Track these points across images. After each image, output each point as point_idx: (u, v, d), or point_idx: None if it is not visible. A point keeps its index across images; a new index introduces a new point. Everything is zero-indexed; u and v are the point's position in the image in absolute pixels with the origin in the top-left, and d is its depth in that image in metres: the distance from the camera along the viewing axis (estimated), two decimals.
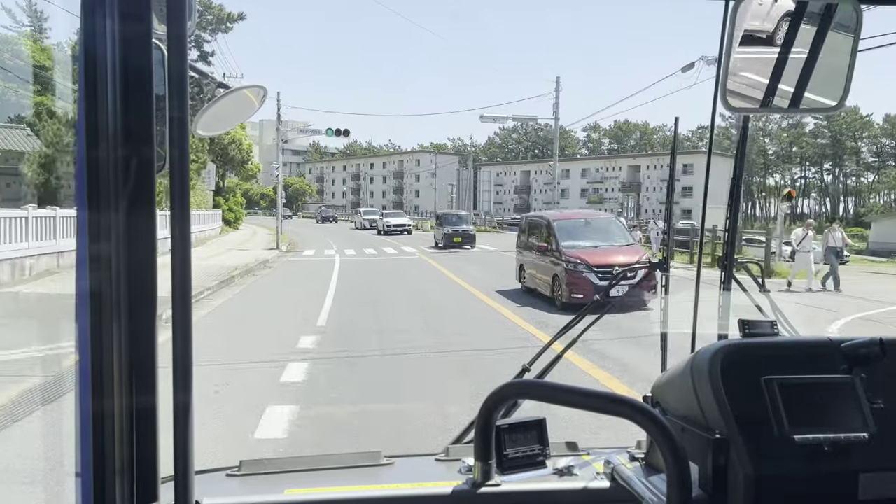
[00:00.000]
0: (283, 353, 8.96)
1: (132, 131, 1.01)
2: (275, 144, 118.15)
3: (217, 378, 7.46)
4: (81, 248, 1.00)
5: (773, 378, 1.27)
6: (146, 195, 1.03)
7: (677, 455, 1.01)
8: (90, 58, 0.98)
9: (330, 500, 1.41)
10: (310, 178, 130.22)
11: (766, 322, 1.46)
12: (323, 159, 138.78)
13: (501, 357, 8.76)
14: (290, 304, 14.05)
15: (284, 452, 5.21)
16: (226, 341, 9.89)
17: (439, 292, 16.35)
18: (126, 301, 1.02)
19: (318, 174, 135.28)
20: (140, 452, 1.05)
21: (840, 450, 1.22)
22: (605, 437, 5.19)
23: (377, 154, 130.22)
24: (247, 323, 12.14)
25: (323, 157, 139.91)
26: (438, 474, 1.51)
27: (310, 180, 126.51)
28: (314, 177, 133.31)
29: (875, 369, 1.30)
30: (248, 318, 12.61)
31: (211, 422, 6.00)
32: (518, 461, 1.50)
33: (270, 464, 1.55)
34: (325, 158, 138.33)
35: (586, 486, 1.48)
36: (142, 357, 1.04)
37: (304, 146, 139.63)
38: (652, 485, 1.35)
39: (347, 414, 6.49)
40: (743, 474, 1.21)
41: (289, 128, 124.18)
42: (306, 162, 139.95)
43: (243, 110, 1.49)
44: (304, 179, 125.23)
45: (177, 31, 0.98)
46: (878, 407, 1.27)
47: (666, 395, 1.46)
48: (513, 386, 1.41)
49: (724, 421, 1.26)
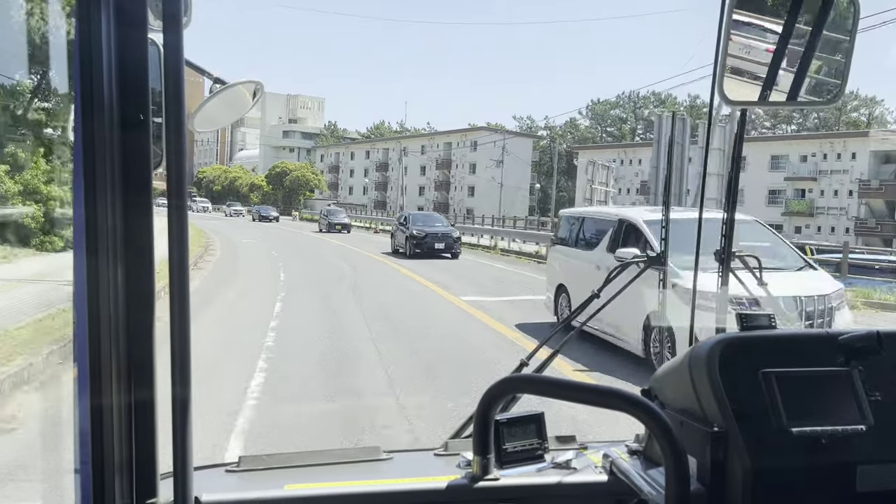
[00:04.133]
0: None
1: (128, 128, 1.01)
2: (283, 123, 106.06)
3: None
4: (79, 245, 1.00)
5: (771, 371, 1.27)
6: (143, 191, 1.03)
7: (675, 448, 1.01)
8: (86, 54, 0.98)
9: (330, 494, 1.41)
10: (321, 166, 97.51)
11: (763, 315, 1.46)
12: (340, 143, 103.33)
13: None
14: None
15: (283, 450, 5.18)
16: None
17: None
18: (124, 296, 1.02)
19: (331, 162, 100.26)
20: (139, 448, 1.05)
21: (838, 442, 1.23)
22: (603, 431, 5.20)
23: (414, 136, 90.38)
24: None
25: (340, 141, 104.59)
26: (437, 468, 1.51)
27: (321, 170, 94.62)
28: (326, 165, 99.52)
29: (872, 362, 1.30)
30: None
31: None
32: (517, 455, 1.50)
33: (270, 459, 1.55)
34: (343, 143, 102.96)
35: (585, 479, 1.48)
36: (140, 352, 1.04)
37: (317, 128, 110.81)
38: (650, 478, 1.35)
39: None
40: (741, 467, 1.22)
41: (299, 104, 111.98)
42: (318, 147, 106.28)
43: (239, 106, 1.49)
44: (312, 166, 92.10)
45: (173, 28, 0.98)
46: (876, 399, 1.28)
47: (664, 389, 1.47)
48: (511, 380, 1.41)
49: (722, 414, 1.26)
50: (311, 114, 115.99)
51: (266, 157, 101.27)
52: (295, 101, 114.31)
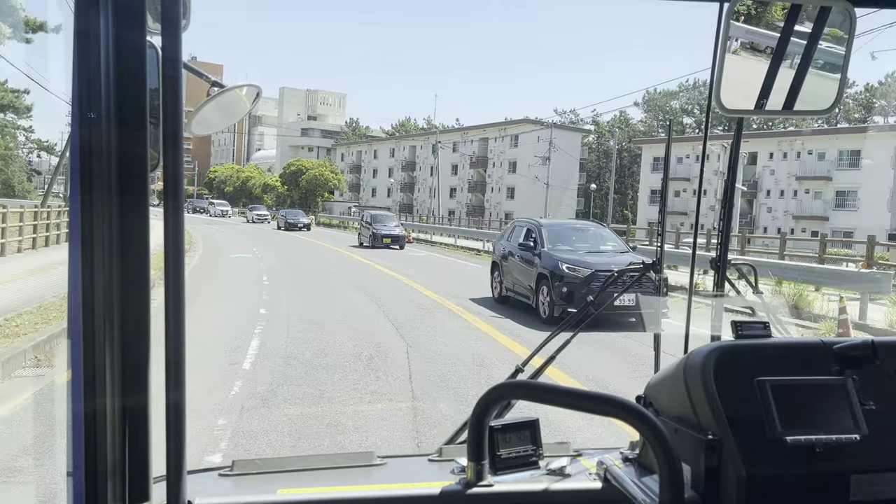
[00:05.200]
0: None
1: (126, 130, 1.01)
2: (302, 120, 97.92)
3: None
4: (74, 247, 1.00)
5: (765, 379, 1.28)
6: (140, 194, 1.03)
7: (670, 456, 1.01)
8: (84, 55, 0.98)
9: (323, 500, 1.41)
10: (342, 166, 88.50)
11: (758, 323, 1.47)
12: (363, 141, 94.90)
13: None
14: None
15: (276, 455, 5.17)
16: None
17: None
18: (119, 300, 1.02)
19: (352, 162, 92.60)
20: (132, 452, 1.05)
21: (832, 451, 1.23)
22: (598, 438, 5.20)
23: (445, 131, 77.80)
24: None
25: (363, 139, 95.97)
26: (431, 474, 1.51)
27: (341, 169, 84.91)
28: (347, 165, 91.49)
29: (867, 371, 1.30)
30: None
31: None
32: (511, 461, 1.50)
33: (263, 464, 1.55)
34: (366, 140, 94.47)
35: (579, 486, 1.48)
36: (134, 355, 1.03)
37: (338, 125, 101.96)
38: (644, 485, 1.35)
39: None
40: (735, 475, 1.22)
41: (319, 100, 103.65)
42: (339, 145, 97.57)
43: (237, 109, 1.49)
44: (330, 164, 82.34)
45: (171, 31, 0.98)
46: (870, 408, 1.28)
47: (659, 396, 1.47)
48: (506, 386, 1.41)
49: (716, 422, 1.26)
50: (332, 110, 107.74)
51: (283, 156, 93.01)
52: (314, 97, 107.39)
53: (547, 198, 58.19)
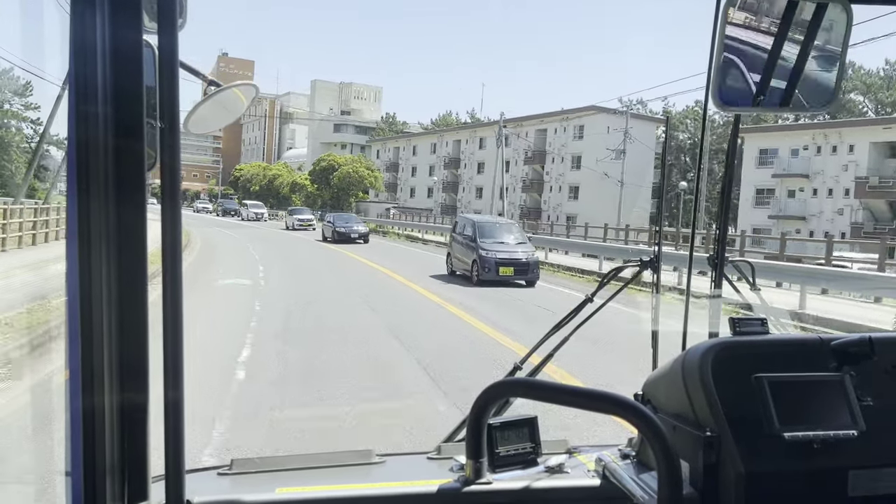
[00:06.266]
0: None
1: (122, 129, 1.01)
2: (335, 115, 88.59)
3: None
4: (72, 245, 1.00)
5: (763, 376, 1.28)
6: (137, 192, 1.02)
7: (668, 452, 1.01)
8: (80, 54, 0.98)
9: (322, 498, 1.41)
10: (378, 164, 77.82)
11: (756, 320, 1.47)
12: (400, 136, 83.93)
13: None
14: None
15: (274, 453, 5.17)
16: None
17: None
18: (117, 298, 1.02)
19: (389, 159, 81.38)
20: (131, 451, 1.05)
21: (830, 447, 1.23)
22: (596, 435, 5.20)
23: (493, 123, 55.38)
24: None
25: (400, 134, 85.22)
26: (430, 472, 1.51)
27: (378, 167, 74.45)
28: (384, 163, 79.95)
29: (864, 367, 1.31)
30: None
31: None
32: (509, 459, 1.50)
33: (262, 462, 1.54)
34: (404, 136, 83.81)
35: (577, 483, 1.48)
36: (132, 354, 1.03)
37: (373, 120, 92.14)
38: (643, 482, 1.35)
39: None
40: (733, 472, 1.22)
41: (353, 94, 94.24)
42: (374, 141, 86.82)
43: (233, 108, 1.49)
44: (365, 159, 72.95)
45: (168, 29, 0.98)
46: (868, 404, 1.28)
47: (657, 393, 1.47)
48: (504, 384, 1.41)
49: (714, 419, 1.26)
50: (367, 105, 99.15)
51: (314, 154, 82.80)
52: (348, 90, 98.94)
53: (621, 198, 45.95)
